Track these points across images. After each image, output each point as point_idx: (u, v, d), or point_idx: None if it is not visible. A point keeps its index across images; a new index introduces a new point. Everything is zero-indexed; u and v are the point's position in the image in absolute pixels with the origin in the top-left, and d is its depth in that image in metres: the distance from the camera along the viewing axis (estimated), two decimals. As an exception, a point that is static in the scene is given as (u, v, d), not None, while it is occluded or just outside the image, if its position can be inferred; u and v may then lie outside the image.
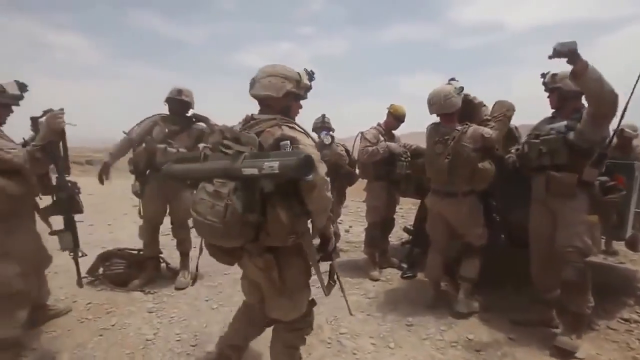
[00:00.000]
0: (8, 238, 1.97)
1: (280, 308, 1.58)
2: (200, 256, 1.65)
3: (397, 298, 2.94)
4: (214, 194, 1.31)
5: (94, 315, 2.55)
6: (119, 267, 2.98)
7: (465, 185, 2.56)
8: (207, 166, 1.42)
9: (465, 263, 2.70)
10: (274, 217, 1.34)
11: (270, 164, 1.22)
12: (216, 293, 2.97)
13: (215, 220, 1.29)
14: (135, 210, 5.62)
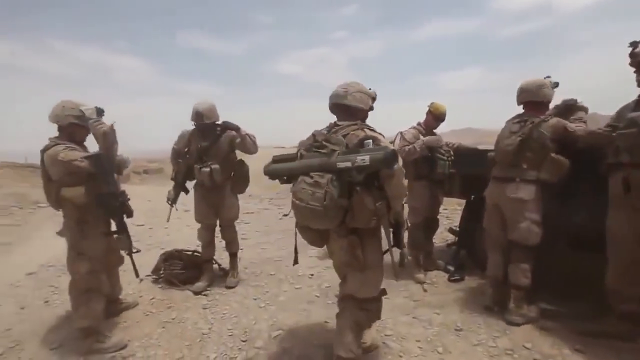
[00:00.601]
0: (82, 241, 2.27)
1: (357, 284, 1.82)
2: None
3: (445, 301, 2.89)
4: (314, 183, 1.61)
5: (157, 309, 2.83)
6: (177, 267, 3.27)
7: (530, 171, 2.43)
8: (305, 163, 1.73)
9: (513, 268, 2.52)
10: (360, 202, 1.64)
11: (362, 157, 1.53)
12: (263, 292, 3.15)
13: (317, 205, 1.58)
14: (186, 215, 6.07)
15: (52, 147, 2.19)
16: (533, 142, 2.41)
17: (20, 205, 6.76)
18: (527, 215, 2.45)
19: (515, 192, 2.46)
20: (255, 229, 5.21)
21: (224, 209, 3.20)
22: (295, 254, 2.15)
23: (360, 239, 1.75)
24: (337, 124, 1.86)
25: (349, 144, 1.69)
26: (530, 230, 2.45)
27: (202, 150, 3.03)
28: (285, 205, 7.21)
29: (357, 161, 1.54)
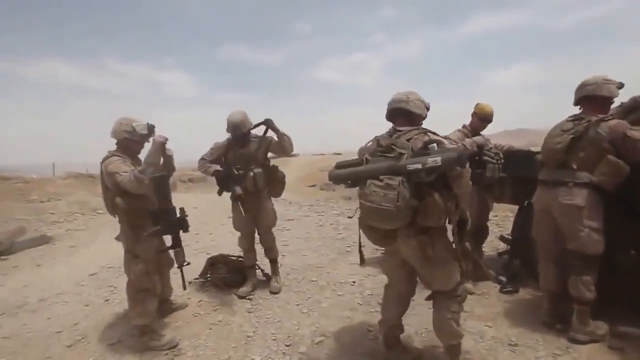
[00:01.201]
0: (136, 244, 2.44)
1: (438, 279, 1.94)
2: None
3: (497, 314, 2.74)
4: (385, 186, 1.69)
5: (204, 311, 2.97)
6: (223, 272, 3.40)
7: (582, 172, 2.25)
8: (373, 167, 1.80)
9: (574, 280, 2.32)
10: (431, 202, 1.72)
11: (434, 158, 1.61)
12: (305, 299, 3.18)
13: (389, 205, 1.67)
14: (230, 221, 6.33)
15: (108, 159, 2.42)
16: (587, 142, 2.23)
17: (82, 212, 7.44)
18: (586, 223, 2.24)
19: (569, 198, 2.26)
20: (296, 236, 5.28)
21: (262, 216, 3.28)
22: (360, 255, 2.26)
23: (429, 237, 1.82)
24: (398, 130, 1.96)
25: (413, 147, 1.79)
26: (590, 239, 2.24)
27: (240, 157, 3.15)
28: (324, 212, 7.25)
29: (429, 162, 1.62)
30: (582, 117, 2.33)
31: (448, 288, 1.95)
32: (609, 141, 2.17)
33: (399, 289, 2.17)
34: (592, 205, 2.24)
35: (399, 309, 2.20)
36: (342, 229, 5.66)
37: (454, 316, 1.97)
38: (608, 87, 2.29)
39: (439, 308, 2.00)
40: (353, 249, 4.58)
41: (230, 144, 3.21)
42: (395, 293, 2.19)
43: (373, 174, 1.77)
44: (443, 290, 1.97)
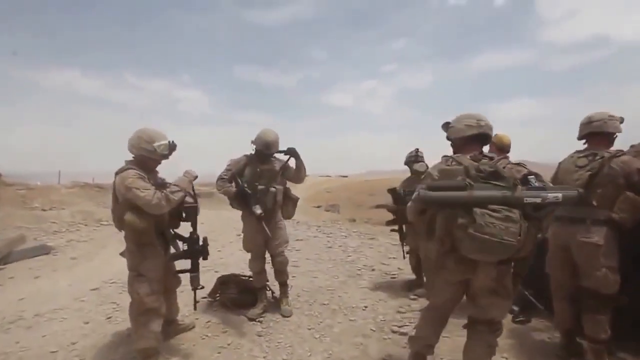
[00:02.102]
0: (142, 263, 2.33)
1: (499, 309, 1.91)
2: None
3: (511, 345, 2.63)
4: (505, 218, 1.59)
5: (212, 333, 2.85)
6: (233, 292, 3.29)
7: (601, 210, 2.21)
8: (482, 194, 1.66)
9: (589, 319, 2.26)
10: (532, 234, 1.66)
11: (555, 194, 1.61)
12: (317, 323, 3.06)
13: (512, 240, 1.58)
14: (239, 239, 6.20)
15: (125, 171, 2.30)
16: (603, 178, 2.21)
17: (86, 222, 7.32)
18: (603, 262, 2.20)
19: (588, 235, 2.22)
20: (306, 257, 5.17)
21: (276, 233, 3.18)
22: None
23: (508, 268, 1.82)
24: (485, 155, 1.96)
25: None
26: (607, 278, 2.20)
27: (261, 173, 3.10)
28: (332, 234, 7.10)
29: (550, 198, 1.60)
30: (595, 152, 2.32)
31: (499, 319, 1.94)
32: (623, 177, 2.16)
33: (445, 312, 2.12)
34: (609, 244, 2.21)
35: (438, 331, 2.16)
36: (351, 251, 5.55)
37: (492, 350, 1.93)
38: (613, 123, 2.31)
39: (477, 338, 1.95)
40: (363, 272, 4.48)
41: (250, 160, 3.17)
42: (440, 315, 2.14)
43: (481, 202, 1.63)
44: (495, 320, 1.92)
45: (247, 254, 3.31)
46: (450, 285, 2.00)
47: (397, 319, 3.09)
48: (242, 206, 3.11)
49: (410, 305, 3.37)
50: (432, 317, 2.16)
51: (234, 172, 3.17)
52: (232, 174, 3.18)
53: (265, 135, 3.07)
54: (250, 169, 3.12)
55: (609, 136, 2.35)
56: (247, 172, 3.12)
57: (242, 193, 3.04)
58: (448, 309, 2.10)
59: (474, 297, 1.92)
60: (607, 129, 2.31)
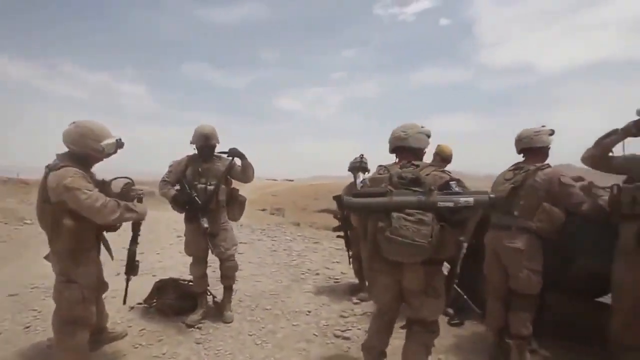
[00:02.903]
0: (75, 268, 2.08)
1: (430, 309, 1.93)
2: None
3: (447, 347, 2.77)
4: (417, 221, 1.66)
5: (147, 342, 2.64)
6: (171, 297, 3.08)
7: (523, 219, 2.40)
8: (400, 199, 1.75)
9: (513, 317, 2.45)
10: (450, 237, 1.74)
11: (467, 199, 1.65)
12: (259, 328, 2.98)
13: (423, 241, 1.64)
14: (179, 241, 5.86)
15: (64, 169, 2.00)
16: (525, 190, 2.40)
17: (6, 221, 6.45)
18: (526, 265, 2.40)
19: (512, 241, 2.42)
20: (249, 260, 5.04)
21: (221, 236, 3.05)
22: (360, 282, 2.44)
23: (435, 269, 1.88)
24: (412, 164, 1.98)
25: (434, 184, 1.81)
26: (530, 280, 2.40)
27: (202, 172, 2.98)
28: (277, 238, 7.05)
29: (461, 202, 1.65)
30: (521, 166, 2.54)
31: (433, 318, 1.97)
32: (546, 189, 2.36)
33: (391, 316, 2.14)
34: (532, 249, 2.40)
35: (387, 336, 2.18)
36: (295, 255, 5.53)
37: (427, 350, 1.98)
38: (540, 137, 2.49)
39: (413, 338, 1.99)
40: (307, 276, 4.48)
41: (192, 159, 3.04)
42: (387, 321, 2.16)
43: (399, 207, 1.71)
44: (427, 320, 1.96)
45: (188, 256, 3.14)
46: (386, 287, 2.03)
47: (340, 324, 3.12)
48: (183, 210, 2.97)
49: (353, 310, 3.41)
50: (379, 323, 2.18)
51: (178, 175, 3.01)
52: (175, 176, 3.02)
53: (201, 129, 3.00)
54: (192, 168, 3.00)
55: (541, 150, 2.51)
56: (189, 171, 3.00)
57: (188, 200, 2.92)
58: (392, 312, 2.13)
59: (407, 298, 1.97)
60: (535, 144, 2.49)
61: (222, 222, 3.07)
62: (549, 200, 2.34)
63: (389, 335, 2.17)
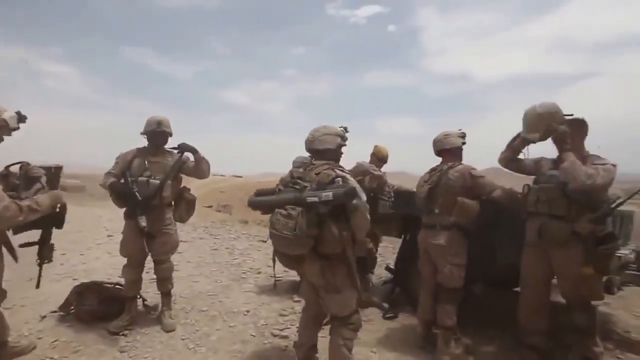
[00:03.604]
0: None
1: (335, 304, 1.99)
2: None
3: (380, 340, 2.86)
4: (287, 215, 1.82)
5: (59, 354, 2.35)
6: (93, 302, 2.78)
7: (444, 216, 2.55)
8: (281, 197, 1.94)
9: (439, 309, 2.59)
10: (329, 231, 1.85)
11: (327, 193, 1.77)
12: (193, 331, 2.83)
13: (288, 233, 1.79)
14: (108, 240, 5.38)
15: None
16: (442, 189, 2.55)
17: None
18: (449, 260, 2.55)
19: (437, 238, 2.58)
20: (187, 260, 4.77)
21: (162, 238, 2.82)
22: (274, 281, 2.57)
23: (330, 263, 1.93)
24: (312, 163, 2.08)
25: (321, 181, 1.90)
26: (452, 274, 2.54)
27: (149, 166, 2.77)
28: (220, 236, 6.82)
29: (323, 196, 1.76)
30: (435, 168, 2.72)
31: (343, 314, 1.99)
32: (461, 185, 2.49)
33: (315, 311, 2.19)
34: (454, 245, 2.55)
35: (315, 331, 2.23)
36: (238, 253, 5.36)
37: (346, 343, 2.00)
38: (449, 140, 2.66)
39: (333, 334, 2.04)
40: (249, 275, 4.36)
41: (141, 152, 2.83)
42: (312, 315, 2.21)
43: (281, 204, 1.90)
44: (338, 315, 2.00)
45: (118, 258, 2.87)
46: (308, 283, 2.10)
47: (279, 322, 3.06)
48: (123, 204, 2.73)
49: (294, 308, 3.37)
50: (307, 319, 2.21)
51: (123, 167, 2.76)
52: (121, 168, 2.76)
53: (154, 117, 2.85)
54: (139, 160, 2.77)
55: (452, 151, 2.66)
56: (135, 164, 2.76)
57: (126, 193, 2.66)
58: (315, 306, 2.16)
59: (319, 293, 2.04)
60: (444, 146, 2.67)
61: (165, 224, 2.84)
62: (465, 194, 2.48)
63: (317, 330, 2.21)
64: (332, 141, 2.11)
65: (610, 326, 3.27)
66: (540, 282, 2.31)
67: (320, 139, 2.10)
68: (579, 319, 2.18)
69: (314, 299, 2.13)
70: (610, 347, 2.79)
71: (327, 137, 2.11)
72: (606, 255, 2.06)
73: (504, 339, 2.75)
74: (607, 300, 3.77)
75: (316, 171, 1.97)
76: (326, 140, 2.10)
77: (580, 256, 2.09)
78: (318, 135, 2.11)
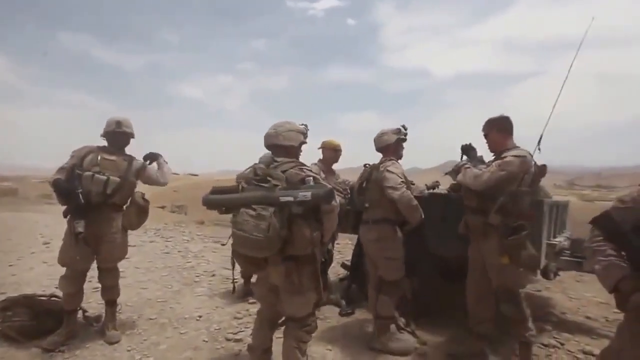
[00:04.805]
0: None
1: (295, 305, 1.93)
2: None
3: (335, 337, 2.87)
4: (257, 216, 1.69)
5: (-19, 378, 2.09)
6: (23, 318, 2.50)
7: (375, 210, 2.62)
8: (247, 195, 1.79)
9: (378, 300, 2.65)
10: (300, 232, 1.78)
11: (304, 193, 1.69)
12: (140, 341, 2.66)
13: (260, 235, 1.67)
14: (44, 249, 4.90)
15: None
16: (371, 184, 2.61)
17: None
18: (383, 254, 2.62)
19: (369, 233, 2.65)
20: (135, 266, 4.48)
21: (108, 245, 2.61)
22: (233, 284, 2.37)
23: (297, 265, 1.86)
24: (275, 160, 1.97)
25: (290, 180, 1.84)
26: (388, 267, 2.63)
27: (101, 162, 2.58)
28: (173, 238, 6.50)
29: (299, 196, 1.69)
30: (367, 164, 2.80)
31: (300, 315, 1.95)
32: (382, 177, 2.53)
33: (270, 313, 2.12)
34: (387, 239, 2.60)
35: (270, 333, 2.16)
36: (191, 256, 5.14)
37: (300, 345, 1.96)
38: (383, 138, 2.73)
39: (288, 335, 1.99)
40: (202, 279, 4.19)
41: (99, 149, 2.66)
42: (266, 318, 2.14)
43: (247, 203, 1.76)
44: (295, 316, 1.95)
45: (56, 267, 2.62)
46: (264, 285, 2.04)
47: (233, 326, 2.97)
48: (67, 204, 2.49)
49: (249, 310, 3.29)
50: (262, 322, 2.15)
51: (75, 162, 2.54)
52: (72, 163, 2.53)
53: (114, 117, 2.72)
54: (92, 156, 2.57)
55: (387, 148, 2.72)
56: (87, 159, 2.56)
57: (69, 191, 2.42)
58: (269, 307, 2.11)
59: (278, 294, 1.97)
60: (380, 144, 2.74)
61: (111, 231, 2.63)
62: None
63: (272, 332, 2.16)
64: (296, 138, 2.06)
65: (549, 309, 3.56)
66: (480, 273, 2.42)
67: (285, 134, 2.02)
68: (505, 309, 2.27)
69: (270, 301, 2.07)
70: (549, 329, 3.01)
71: (291, 134, 2.04)
72: (516, 245, 2.11)
73: (458, 330, 2.83)
74: (547, 285, 4.14)
75: (282, 169, 1.89)
76: (291, 136, 2.03)
77: (496, 247, 2.22)
78: (282, 131, 2.03)
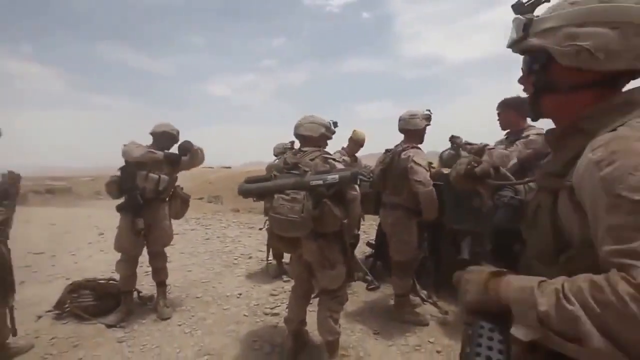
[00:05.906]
0: None
1: (327, 278, 2.04)
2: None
3: (364, 309, 2.98)
4: (291, 199, 1.81)
5: (58, 350, 2.35)
6: (87, 299, 2.77)
7: (394, 197, 2.64)
8: (280, 182, 1.91)
9: (393, 279, 2.77)
10: (330, 212, 1.86)
11: (333, 176, 1.81)
12: (189, 317, 2.87)
13: (295, 217, 1.79)
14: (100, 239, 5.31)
15: None
16: (393, 171, 2.58)
17: None
18: (396, 236, 2.67)
19: (387, 217, 2.72)
20: (180, 251, 4.77)
21: (157, 232, 2.86)
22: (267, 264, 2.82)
23: (327, 242, 1.98)
24: (302, 150, 2.12)
25: (317, 168, 1.95)
26: (397, 249, 2.67)
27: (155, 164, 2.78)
28: (212, 226, 6.80)
29: (328, 179, 1.80)
30: (389, 149, 2.72)
31: (333, 287, 2.06)
32: (405, 167, 2.48)
33: (304, 288, 2.26)
34: (402, 224, 2.63)
35: (304, 306, 2.30)
36: (229, 241, 5.38)
37: (333, 315, 2.09)
38: (413, 121, 2.60)
39: (322, 306, 2.12)
40: (240, 261, 4.40)
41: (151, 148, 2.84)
42: (301, 293, 2.28)
43: (280, 189, 1.88)
44: (328, 288, 2.07)
45: (111, 255, 2.88)
46: (299, 263, 2.18)
47: (270, 302, 3.13)
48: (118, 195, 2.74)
49: (283, 287, 3.45)
50: (296, 297, 2.28)
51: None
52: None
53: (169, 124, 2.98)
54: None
55: (415, 132, 2.62)
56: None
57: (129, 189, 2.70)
58: (304, 283, 2.25)
59: (312, 269, 2.11)
60: (408, 126, 2.61)
61: (160, 220, 2.88)
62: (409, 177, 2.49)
63: (305, 305, 2.29)
64: (316, 130, 2.17)
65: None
66: None
67: (306, 125, 2.17)
68: None
69: (304, 277, 2.21)
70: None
71: (312, 126, 2.17)
72: None
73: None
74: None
75: (309, 157, 2.02)
76: (311, 128, 2.16)
77: None
78: (304, 122, 2.19)
